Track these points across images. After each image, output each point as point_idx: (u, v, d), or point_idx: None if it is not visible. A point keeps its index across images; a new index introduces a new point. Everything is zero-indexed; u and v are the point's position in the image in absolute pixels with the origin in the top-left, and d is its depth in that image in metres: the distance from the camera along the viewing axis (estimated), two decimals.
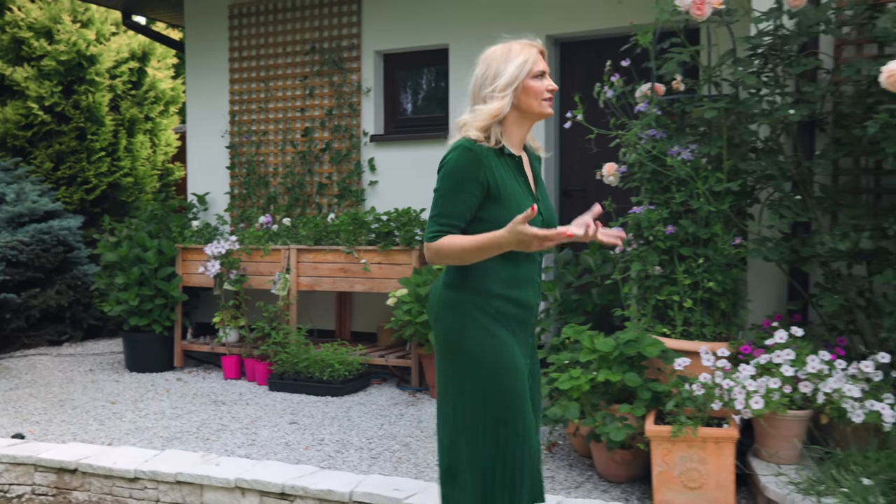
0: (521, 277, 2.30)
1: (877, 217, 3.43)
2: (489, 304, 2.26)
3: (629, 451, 3.45)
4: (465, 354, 2.26)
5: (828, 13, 3.56)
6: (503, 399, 2.22)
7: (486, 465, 2.23)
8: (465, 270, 2.27)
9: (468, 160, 2.20)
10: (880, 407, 3.03)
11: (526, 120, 2.33)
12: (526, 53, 2.30)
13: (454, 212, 2.20)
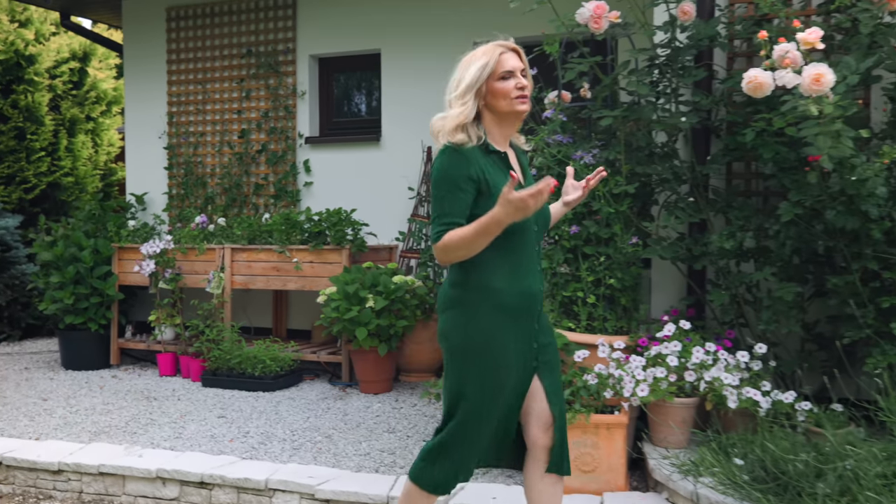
0: (522, 268, 2.38)
1: (760, 218, 3.69)
2: (495, 298, 2.33)
3: None
4: (457, 346, 2.36)
5: (717, 27, 3.82)
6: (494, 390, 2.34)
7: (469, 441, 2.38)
8: (468, 268, 2.34)
9: (456, 161, 2.29)
10: (754, 393, 3.28)
11: (504, 119, 2.39)
12: (487, 56, 2.35)
13: (453, 210, 2.27)
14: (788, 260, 3.60)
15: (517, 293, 2.36)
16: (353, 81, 6.51)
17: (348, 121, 6.47)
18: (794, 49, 2.78)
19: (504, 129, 2.41)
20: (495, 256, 2.31)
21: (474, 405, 2.36)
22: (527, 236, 2.38)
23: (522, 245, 2.37)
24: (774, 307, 3.51)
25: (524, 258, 2.38)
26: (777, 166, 3.54)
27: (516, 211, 2.10)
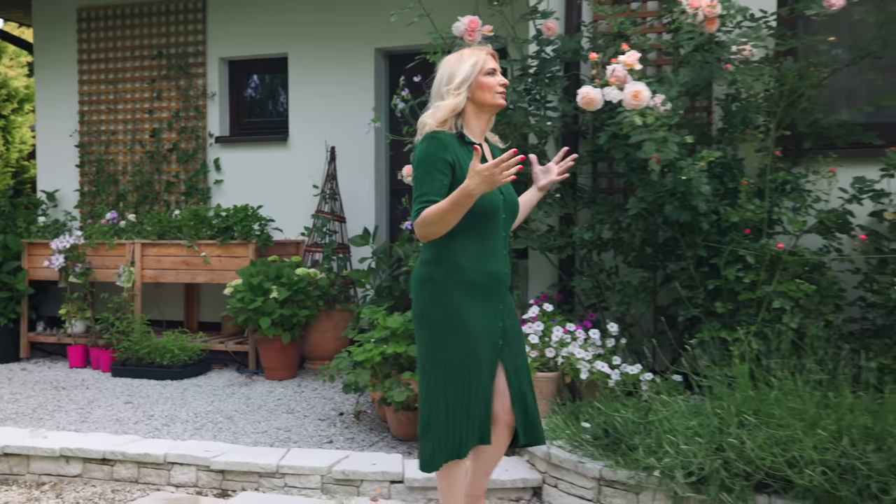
0: (488, 251, 2.61)
1: (617, 212, 4.15)
2: (460, 276, 2.57)
3: (413, 412, 4.03)
4: (435, 321, 2.59)
5: (581, 41, 4.26)
6: (464, 360, 2.59)
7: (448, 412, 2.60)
8: (439, 248, 2.58)
9: (434, 145, 2.52)
10: (602, 366, 3.72)
11: (483, 112, 2.65)
12: (476, 55, 2.65)
13: (431, 189, 2.48)
14: (639, 249, 4.06)
15: (482, 272, 2.60)
16: (262, 83, 6.78)
17: (257, 121, 6.73)
18: (621, 68, 3.21)
19: (481, 123, 2.68)
20: (464, 238, 2.55)
21: (444, 381, 2.58)
22: (495, 222, 2.62)
23: (490, 230, 2.61)
24: (625, 291, 3.96)
25: (491, 242, 2.62)
26: (628, 166, 3.99)
27: (483, 181, 2.34)
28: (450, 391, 2.59)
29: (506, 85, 2.65)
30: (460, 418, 2.59)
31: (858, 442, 2.72)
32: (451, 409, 2.59)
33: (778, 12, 3.95)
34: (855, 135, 3.84)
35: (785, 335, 3.39)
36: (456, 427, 2.59)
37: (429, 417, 2.62)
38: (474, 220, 2.52)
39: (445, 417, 2.59)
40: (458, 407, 2.59)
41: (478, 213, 2.50)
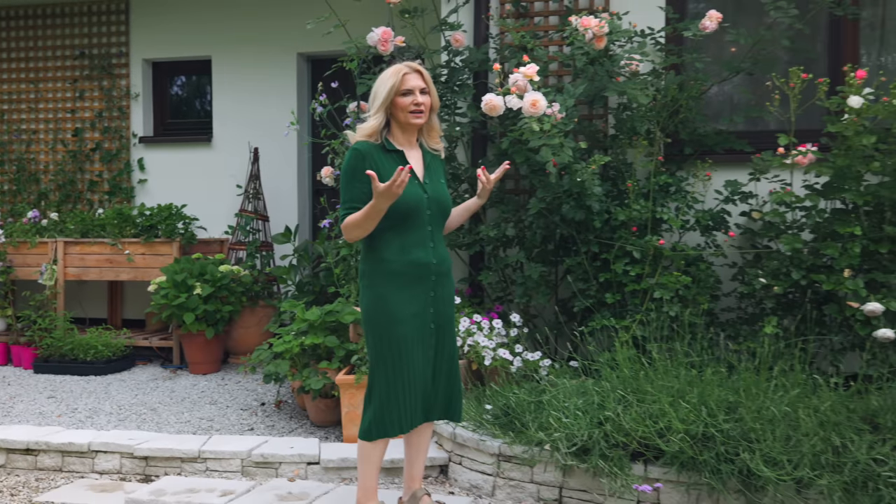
0: (410, 243, 2.89)
1: (521, 211, 4.48)
2: (385, 268, 2.88)
3: (330, 400, 4.28)
4: (366, 310, 2.92)
5: (488, 52, 4.58)
6: (391, 344, 2.88)
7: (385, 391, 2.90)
8: (369, 244, 2.91)
9: (354, 157, 2.85)
10: (504, 353, 4.04)
11: (404, 127, 2.94)
12: (394, 77, 2.88)
13: (353, 197, 2.83)
14: (540, 245, 4.40)
15: (406, 263, 2.88)
16: (186, 85, 6.91)
17: (182, 122, 6.86)
18: (521, 78, 3.53)
19: (406, 135, 2.97)
20: (388, 234, 2.88)
21: (380, 360, 2.90)
22: (419, 218, 2.90)
23: (413, 225, 2.90)
24: (526, 284, 4.29)
25: (415, 235, 2.90)
26: (529, 169, 4.32)
27: (385, 197, 2.68)
28: (386, 374, 2.90)
29: (421, 104, 2.89)
30: (396, 399, 2.91)
31: (717, 413, 3.09)
32: (388, 390, 2.91)
33: (665, 30, 4.34)
34: (729, 142, 4.26)
35: (664, 322, 3.76)
36: (391, 407, 2.90)
37: (370, 395, 2.96)
38: (395, 218, 2.83)
39: (383, 397, 2.91)
40: (394, 389, 2.90)
41: (398, 212, 2.82)
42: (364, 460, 3.02)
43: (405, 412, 2.93)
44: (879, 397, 3.15)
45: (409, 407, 2.93)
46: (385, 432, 2.93)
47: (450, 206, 3.08)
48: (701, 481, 3.04)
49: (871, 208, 3.75)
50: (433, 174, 3.04)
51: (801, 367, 3.32)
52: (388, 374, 2.91)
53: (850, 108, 3.50)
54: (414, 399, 2.95)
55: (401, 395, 2.91)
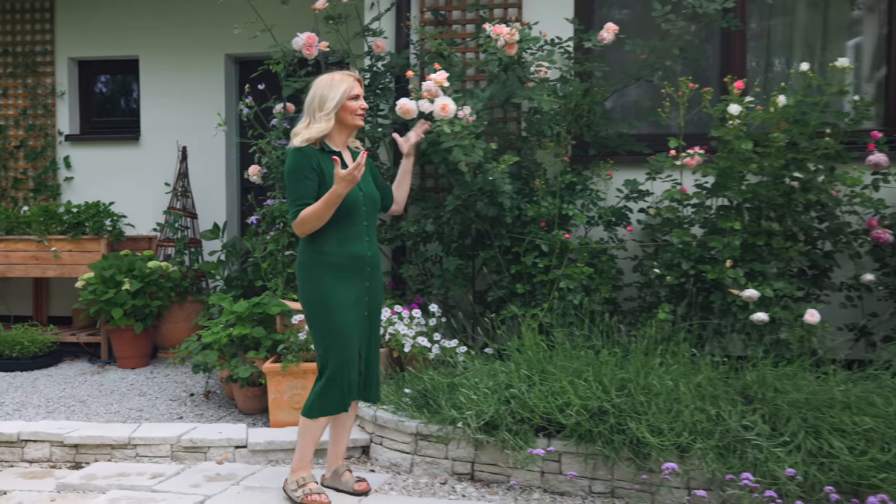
0: (348, 237, 3.16)
1: (439, 208, 4.75)
2: (324, 259, 3.13)
3: (258, 388, 4.47)
4: (307, 300, 3.17)
5: (408, 57, 4.84)
6: (333, 329, 3.14)
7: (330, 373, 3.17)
8: (309, 239, 3.15)
9: (300, 157, 3.10)
10: (422, 341, 4.30)
11: (345, 129, 3.23)
12: (346, 82, 3.18)
13: (303, 194, 3.09)
14: (457, 240, 4.68)
15: (345, 256, 3.15)
16: (114, 83, 6.96)
17: (109, 120, 6.91)
18: (433, 85, 3.80)
19: (343, 136, 3.27)
20: (328, 229, 3.11)
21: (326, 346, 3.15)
22: (356, 214, 3.17)
23: (351, 220, 3.16)
24: (444, 276, 4.57)
25: (353, 230, 3.18)
26: (447, 168, 4.59)
27: (346, 182, 2.97)
28: (331, 357, 3.18)
29: (365, 108, 3.23)
30: (339, 380, 3.19)
31: (610, 389, 3.42)
32: (333, 373, 3.19)
33: (572, 40, 4.68)
34: (630, 144, 4.62)
35: (568, 310, 4.09)
36: (335, 388, 3.19)
37: (320, 377, 3.22)
38: (336, 214, 3.11)
39: (330, 379, 3.17)
40: (336, 371, 3.18)
41: (339, 209, 3.09)
42: (304, 433, 3.29)
43: (347, 392, 3.23)
44: (753, 373, 3.53)
45: (349, 387, 3.23)
46: (327, 411, 3.23)
47: (379, 200, 3.37)
48: (597, 451, 3.36)
49: (751, 205, 4.15)
50: (365, 173, 3.33)
51: (685, 348, 3.68)
52: (335, 358, 3.19)
53: (731, 115, 3.88)
54: (352, 380, 3.24)
55: (344, 376, 3.20)
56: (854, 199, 4.08)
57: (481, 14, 4.81)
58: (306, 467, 3.35)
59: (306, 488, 3.29)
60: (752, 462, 3.07)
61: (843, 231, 4.18)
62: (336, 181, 2.99)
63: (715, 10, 4.25)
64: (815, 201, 4.02)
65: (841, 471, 2.98)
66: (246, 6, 4.71)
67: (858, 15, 4.91)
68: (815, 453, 3.07)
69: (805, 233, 4.14)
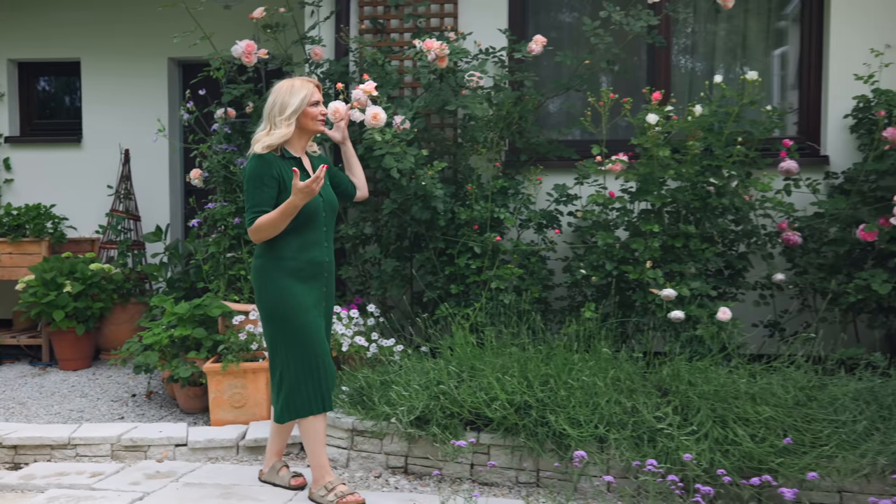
0: (308, 242, 3.22)
1: (376, 212, 4.90)
2: (285, 265, 3.18)
3: (198, 388, 4.57)
4: (268, 304, 3.21)
5: (348, 65, 4.98)
6: (297, 331, 3.20)
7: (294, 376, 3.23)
8: (268, 244, 3.19)
9: (261, 164, 3.13)
10: (360, 340, 4.45)
11: (304, 134, 3.28)
12: (306, 88, 3.22)
13: (261, 201, 3.12)
14: (395, 242, 4.83)
15: (304, 261, 3.21)
16: (56, 85, 6.95)
17: (51, 122, 6.90)
18: (362, 95, 3.95)
19: (302, 142, 3.31)
20: (288, 234, 3.16)
21: (286, 351, 3.21)
22: (316, 220, 3.23)
23: (311, 226, 3.22)
24: (381, 278, 4.72)
25: (312, 236, 3.23)
26: (383, 172, 4.74)
27: (304, 195, 3.01)
28: (298, 360, 3.24)
29: (325, 113, 3.30)
30: (309, 381, 3.26)
31: (534, 384, 3.62)
32: (298, 375, 3.25)
33: (504, 50, 4.87)
34: (559, 150, 4.83)
35: (499, 309, 4.27)
36: (306, 389, 3.26)
37: (280, 383, 3.28)
38: (297, 220, 3.18)
39: (293, 382, 3.26)
40: (307, 372, 3.25)
41: (299, 215, 3.16)
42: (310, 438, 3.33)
43: (325, 390, 3.29)
44: (668, 368, 3.76)
45: (325, 384, 3.29)
46: (298, 413, 3.28)
47: (337, 204, 3.45)
48: (521, 443, 3.55)
49: (671, 209, 4.39)
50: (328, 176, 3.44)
51: (606, 344, 3.90)
52: (300, 360, 3.24)
53: (649, 124, 4.11)
54: (329, 376, 3.31)
55: (315, 375, 3.26)
56: (766, 203, 4.34)
57: (418, 24, 4.97)
58: (327, 472, 3.34)
59: (336, 491, 3.29)
60: (663, 450, 3.28)
61: (756, 233, 4.44)
62: (294, 192, 3.02)
63: (641, 27, 4.47)
64: (729, 205, 4.27)
65: (742, 456, 3.21)
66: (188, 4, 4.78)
67: (784, 25, 5.18)
68: (720, 441, 3.29)
69: (721, 235, 4.39)
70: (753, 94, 4.24)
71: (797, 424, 3.34)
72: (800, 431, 3.31)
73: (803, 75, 4.99)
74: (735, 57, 5.23)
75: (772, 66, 5.26)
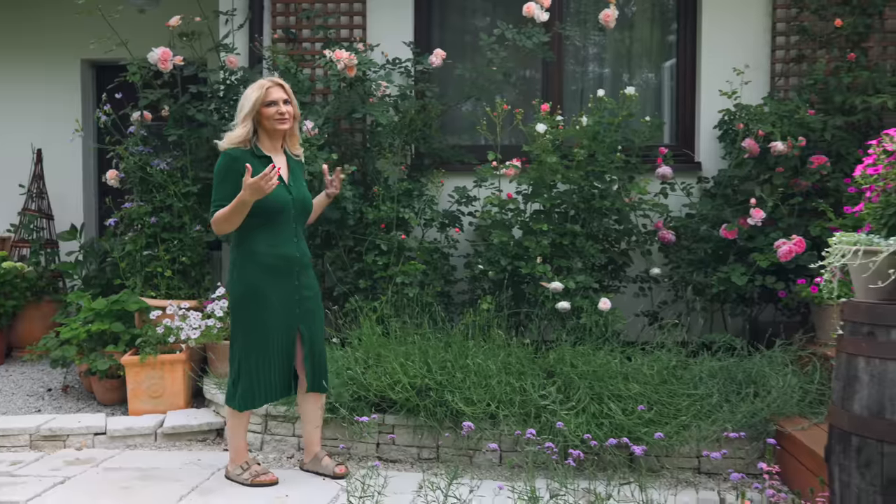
0: (279, 238, 3.42)
1: None
2: (255, 259, 3.38)
3: (116, 380, 4.75)
4: (236, 295, 3.44)
5: (262, 72, 5.23)
6: (258, 327, 3.42)
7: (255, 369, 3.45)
8: (241, 238, 3.38)
9: (228, 160, 3.35)
10: None
11: (271, 134, 3.45)
12: (258, 91, 3.40)
13: (222, 196, 3.31)
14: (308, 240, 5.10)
15: (274, 256, 3.42)
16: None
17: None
18: None
19: (273, 141, 3.50)
20: (259, 230, 3.38)
21: (248, 341, 3.45)
22: (284, 216, 3.42)
23: (280, 222, 3.42)
24: None
25: (282, 231, 3.43)
26: None
27: (253, 192, 3.17)
28: (252, 351, 3.49)
29: (285, 113, 3.42)
30: (263, 375, 3.51)
31: (433, 368, 3.98)
32: (252, 366, 3.50)
33: (408, 62, 5.22)
34: (460, 156, 5.22)
35: (404, 302, 4.63)
36: (260, 382, 3.51)
37: (238, 372, 3.51)
38: (264, 216, 3.39)
39: (252, 374, 3.50)
40: (259, 365, 3.49)
41: (266, 211, 3.37)
42: (234, 428, 3.61)
43: (271, 387, 3.55)
44: (555, 353, 4.19)
45: (274, 382, 3.55)
46: (252, 404, 3.54)
47: (311, 206, 3.68)
48: (422, 423, 3.91)
49: (560, 210, 4.83)
50: (297, 178, 3.64)
51: (499, 333, 4.30)
52: (258, 354, 3.49)
53: (538, 133, 4.54)
54: (277, 375, 3.55)
55: (267, 372, 3.52)
56: (643, 205, 4.83)
57: (328, 35, 5.27)
58: (242, 455, 3.60)
59: (251, 470, 3.57)
60: (546, 424, 3.70)
61: (636, 232, 4.93)
62: (244, 188, 3.18)
63: (534, 44, 4.90)
64: (611, 207, 4.74)
65: (614, 427, 3.66)
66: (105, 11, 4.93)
67: (673, 40, 5.68)
68: (596, 414, 3.73)
69: (604, 234, 4.86)
70: (632, 106, 4.72)
71: (662, 399, 3.82)
72: (663, 405, 3.79)
73: (680, 88, 5.53)
74: (625, 69, 5.73)
75: (663, 77, 5.79)
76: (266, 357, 3.50)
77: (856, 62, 4.84)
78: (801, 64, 5.15)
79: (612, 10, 4.75)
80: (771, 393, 3.82)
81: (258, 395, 3.54)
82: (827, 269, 2.70)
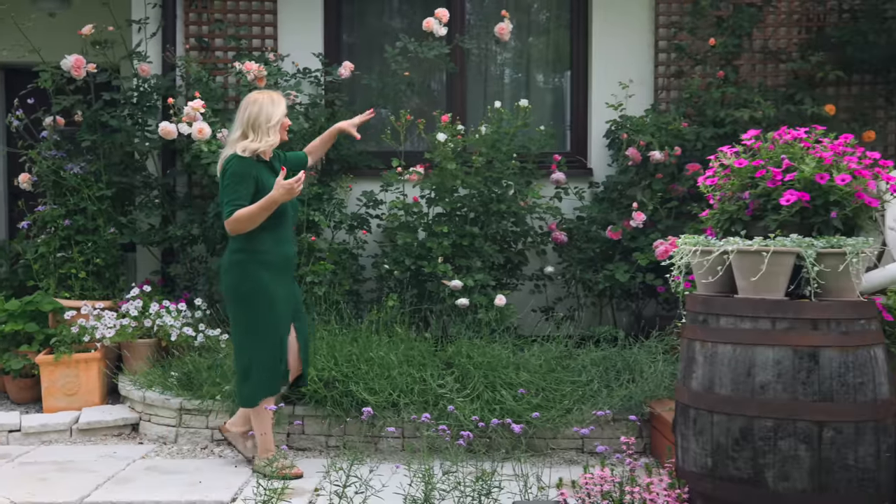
0: (282, 238, 3.61)
1: (204, 213, 5.37)
2: (262, 258, 3.55)
3: (30, 379, 4.86)
4: (245, 296, 3.58)
5: (175, 79, 5.41)
6: (271, 322, 3.60)
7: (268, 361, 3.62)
8: (246, 239, 3.53)
9: (245, 164, 3.52)
10: (188, 331, 4.92)
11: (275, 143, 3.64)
12: (282, 103, 3.66)
13: (241, 195, 3.47)
14: (220, 242, 5.32)
15: (279, 255, 3.62)
16: None
17: None
18: (191, 111, 4.45)
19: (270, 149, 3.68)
20: (264, 231, 3.54)
21: (258, 338, 3.61)
22: (286, 217, 3.63)
23: (283, 223, 3.62)
24: (208, 274, 5.22)
25: (284, 232, 3.64)
26: (209, 178, 5.22)
27: (286, 192, 3.42)
28: (263, 347, 3.67)
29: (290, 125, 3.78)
30: (273, 367, 3.71)
31: (340, 361, 4.27)
32: (265, 360, 3.69)
33: (317, 72, 5.49)
34: (367, 161, 5.52)
35: (314, 300, 4.89)
36: (270, 373, 3.71)
37: (249, 368, 3.67)
38: (272, 218, 3.59)
39: (266, 365, 3.68)
40: (271, 358, 3.69)
41: (276, 212, 3.58)
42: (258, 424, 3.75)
43: (279, 377, 3.77)
44: (454, 346, 4.53)
45: (282, 371, 3.78)
46: (271, 392, 3.74)
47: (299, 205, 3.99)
48: (329, 412, 4.19)
49: (461, 213, 5.18)
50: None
51: (404, 328, 4.62)
52: (266, 348, 3.68)
53: (439, 141, 4.88)
54: (284, 365, 3.78)
55: (278, 362, 3.73)
56: (538, 208, 5.22)
57: (240, 45, 5.49)
58: (269, 449, 3.77)
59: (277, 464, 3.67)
60: (444, 411, 4.03)
61: (531, 233, 5.32)
62: (276, 188, 3.42)
63: (434, 55, 5.23)
64: (508, 210, 5.12)
65: (505, 412, 4.02)
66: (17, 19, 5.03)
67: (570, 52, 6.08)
68: (490, 401, 4.09)
69: (502, 235, 5.23)
70: (526, 117, 5.10)
71: (549, 386, 4.21)
72: (550, 391, 4.18)
73: (574, 99, 5.96)
74: (525, 79, 6.12)
75: (565, 86, 6.20)
76: (278, 349, 3.70)
77: (726, 79, 5.35)
78: (680, 79, 5.64)
79: (507, 24, 5.13)
80: (645, 378, 4.26)
81: (274, 385, 3.74)
82: (675, 266, 3.11)
